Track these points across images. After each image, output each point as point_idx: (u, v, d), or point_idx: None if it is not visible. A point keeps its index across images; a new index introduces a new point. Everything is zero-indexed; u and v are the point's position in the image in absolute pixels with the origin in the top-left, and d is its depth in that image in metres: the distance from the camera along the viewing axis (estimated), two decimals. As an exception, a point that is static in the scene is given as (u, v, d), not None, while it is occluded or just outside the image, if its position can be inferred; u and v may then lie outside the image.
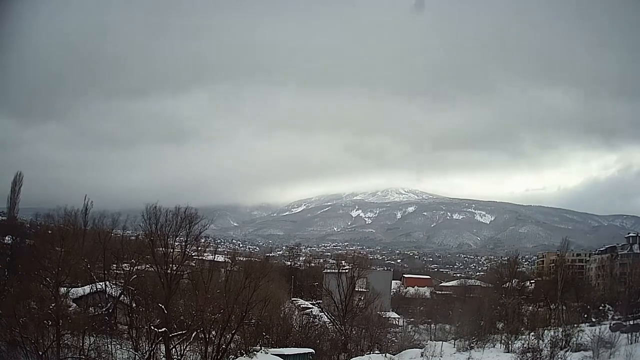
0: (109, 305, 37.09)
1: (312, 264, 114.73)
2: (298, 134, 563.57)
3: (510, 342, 43.00)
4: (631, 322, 45.81)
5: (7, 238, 54.28)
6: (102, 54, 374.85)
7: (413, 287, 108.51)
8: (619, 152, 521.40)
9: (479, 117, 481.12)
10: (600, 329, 40.48)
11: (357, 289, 59.16)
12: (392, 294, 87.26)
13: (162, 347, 32.00)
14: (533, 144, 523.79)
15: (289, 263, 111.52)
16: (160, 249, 34.58)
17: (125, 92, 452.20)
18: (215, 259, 50.20)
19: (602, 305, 64.64)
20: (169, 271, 33.06)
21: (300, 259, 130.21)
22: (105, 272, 40.16)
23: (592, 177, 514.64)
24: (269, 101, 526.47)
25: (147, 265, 36.54)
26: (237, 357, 33.90)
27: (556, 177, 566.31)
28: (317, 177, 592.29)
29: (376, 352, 42.91)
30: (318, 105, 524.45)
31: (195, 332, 32.04)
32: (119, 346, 31.32)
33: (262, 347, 35.76)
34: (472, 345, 44.02)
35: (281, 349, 37.15)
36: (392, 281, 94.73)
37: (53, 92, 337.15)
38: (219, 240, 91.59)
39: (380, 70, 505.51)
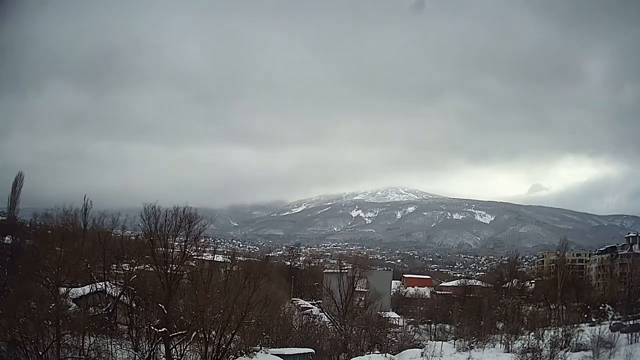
0: (109, 305, 37.08)
1: (312, 264, 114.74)
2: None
3: (510, 342, 42.91)
4: (631, 322, 45.66)
5: (7, 238, 54.28)
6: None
7: (413, 287, 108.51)
8: (621, 155, 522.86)
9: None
10: (600, 329, 40.37)
11: (357, 289, 59.23)
12: (392, 294, 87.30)
13: (162, 347, 31.96)
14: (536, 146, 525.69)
15: (289, 263, 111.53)
16: (160, 249, 34.53)
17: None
18: (215, 259, 50.23)
19: (602, 305, 64.51)
20: (168, 271, 33.02)
21: (300, 259, 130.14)
22: (105, 272, 40.12)
23: (593, 178, 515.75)
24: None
25: (147, 265, 36.51)
26: (237, 357, 33.86)
27: (556, 177, 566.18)
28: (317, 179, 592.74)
29: (376, 352, 42.85)
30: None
31: (195, 332, 32.00)
32: (119, 346, 31.29)
33: (262, 347, 35.71)
34: (472, 345, 43.93)
35: (281, 349, 37.12)
36: (392, 281, 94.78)
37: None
38: (219, 240, 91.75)
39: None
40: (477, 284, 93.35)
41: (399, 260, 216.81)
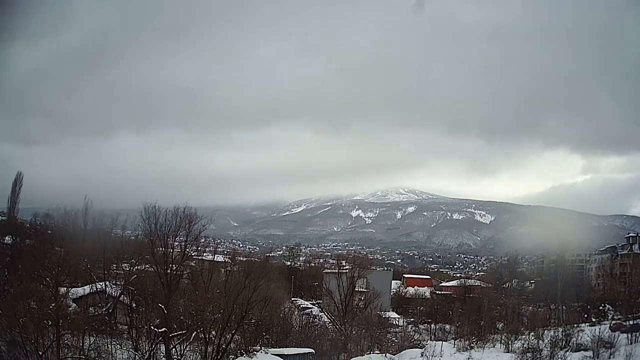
0: (109, 305, 37.18)
1: (312, 264, 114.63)
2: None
3: (510, 342, 42.96)
4: (631, 322, 45.75)
5: (7, 238, 54.20)
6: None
7: (413, 287, 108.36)
8: (620, 154, 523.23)
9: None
10: (600, 329, 40.45)
11: (357, 289, 59.15)
12: (392, 294, 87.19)
13: (162, 347, 31.99)
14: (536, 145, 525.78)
15: (289, 263, 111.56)
16: (160, 249, 34.56)
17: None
18: (215, 259, 50.17)
19: (602, 305, 64.55)
20: (168, 271, 33.05)
21: (300, 259, 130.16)
22: (105, 272, 40.23)
23: (592, 178, 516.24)
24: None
25: (147, 265, 36.54)
26: (237, 357, 33.87)
27: (557, 177, 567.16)
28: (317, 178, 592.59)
29: (376, 352, 42.84)
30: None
31: (195, 332, 32.03)
32: (119, 346, 31.37)
33: (262, 347, 35.71)
34: (472, 345, 43.97)
35: (281, 349, 37.07)
36: (392, 281, 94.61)
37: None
38: (219, 240, 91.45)
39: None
40: (477, 284, 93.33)
41: (399, 260, 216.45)
